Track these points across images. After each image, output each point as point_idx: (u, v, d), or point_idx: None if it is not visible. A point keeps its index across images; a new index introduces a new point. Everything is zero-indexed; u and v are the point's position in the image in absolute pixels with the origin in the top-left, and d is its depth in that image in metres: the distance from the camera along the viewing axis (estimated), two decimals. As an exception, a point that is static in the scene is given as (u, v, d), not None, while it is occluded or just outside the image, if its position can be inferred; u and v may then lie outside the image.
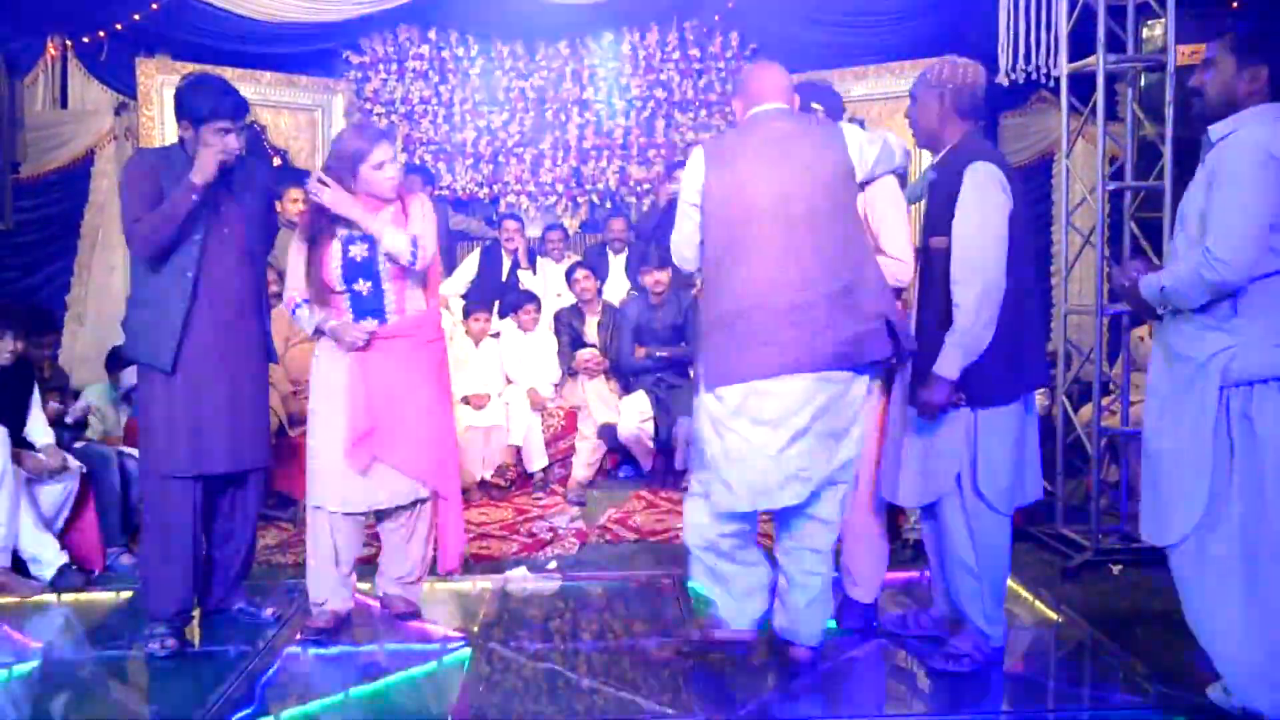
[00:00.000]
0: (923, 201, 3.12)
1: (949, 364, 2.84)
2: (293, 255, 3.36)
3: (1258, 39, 2.57)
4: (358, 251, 3.27)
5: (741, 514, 2.92)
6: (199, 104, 3.12)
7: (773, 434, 2.79)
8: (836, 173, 2.86)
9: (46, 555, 3.91)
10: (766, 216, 2.80)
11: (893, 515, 3.71)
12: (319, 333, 3.33)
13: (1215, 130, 2.58)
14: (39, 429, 4.11)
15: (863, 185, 3.00)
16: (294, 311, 3.35)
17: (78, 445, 4.34)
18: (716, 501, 2.88)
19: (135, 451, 4.26)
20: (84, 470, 4.16)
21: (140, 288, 3.24)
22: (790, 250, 2.79)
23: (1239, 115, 2.55)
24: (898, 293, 3.08)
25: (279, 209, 4.77)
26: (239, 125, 3.18)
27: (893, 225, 3.06)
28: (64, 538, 4.04)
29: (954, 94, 2.96)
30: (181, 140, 3.22)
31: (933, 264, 2.95)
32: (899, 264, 3.03)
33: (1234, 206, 2.47)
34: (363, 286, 3.28)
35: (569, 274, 5.86)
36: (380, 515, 3.45)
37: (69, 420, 4.49)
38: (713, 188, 2.86)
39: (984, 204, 2.82)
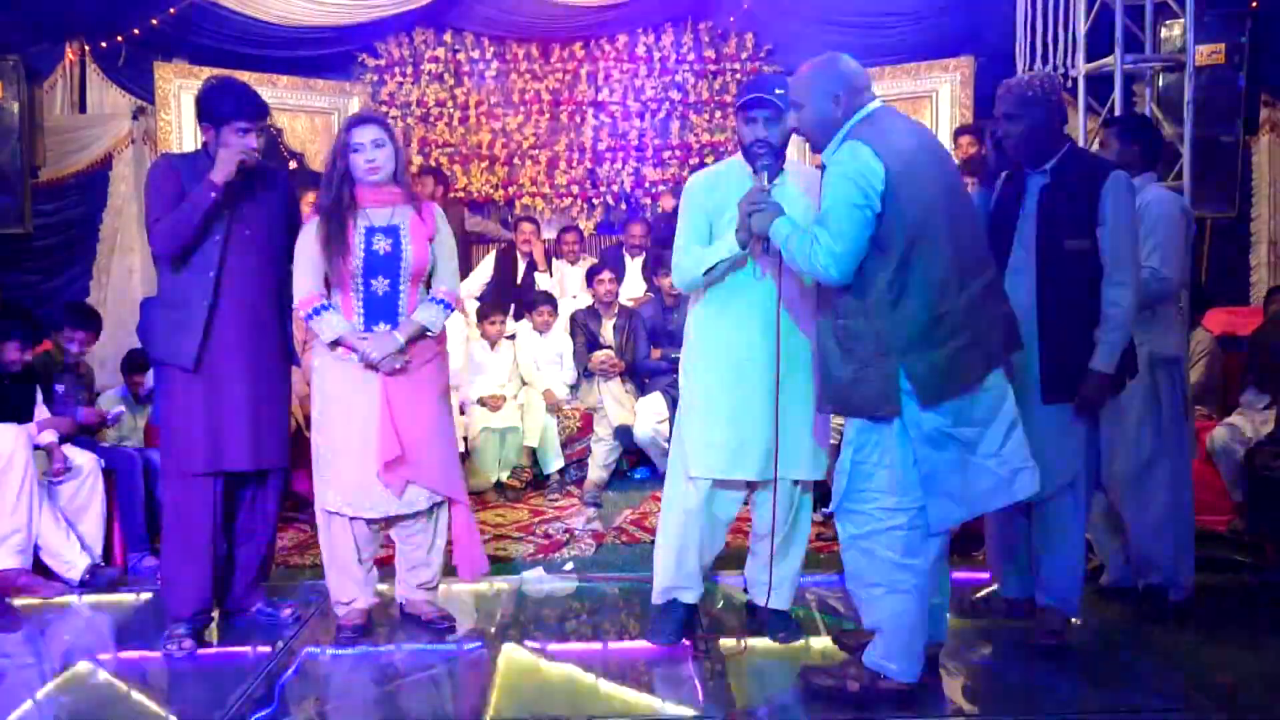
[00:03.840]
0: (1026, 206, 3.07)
1: (1110, 359, 2.98)
2: (303, 252, 3.20)
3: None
4: (382, 244, 3.18)
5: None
6: (220, 106, 3.15)
7: (987, 431, 2.69)
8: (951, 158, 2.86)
9: (70, 555, 3.94)
10: (943, 210, 2.62)
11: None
12: (335, 344, 3.20)
13: None
14: (41, 432, 4.13)
15: None
16: (312, 316, 3.17)
17: (103, 445, 4.37)
18: (940, 518, 2.68)
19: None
20: (104, 466, 4.18)
21: (163, 288, 3.27)
22: (965, 240, 2.67)
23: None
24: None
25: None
26: (259, 126, 3.20)
27: None
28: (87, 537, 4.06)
29: (1059, 104, 3.01)
30: (205, 146, 3.25)
31: (1064, 264, 2.98)
32: None
33: None
34: (380, 285, 3.18)
35: (591, 275, 5.86)
36: (395, 522, 3.39)
37: (106, 425, 4.53)
38: (895, 184, 2.56)
39: (1131, 211, 3.01)
